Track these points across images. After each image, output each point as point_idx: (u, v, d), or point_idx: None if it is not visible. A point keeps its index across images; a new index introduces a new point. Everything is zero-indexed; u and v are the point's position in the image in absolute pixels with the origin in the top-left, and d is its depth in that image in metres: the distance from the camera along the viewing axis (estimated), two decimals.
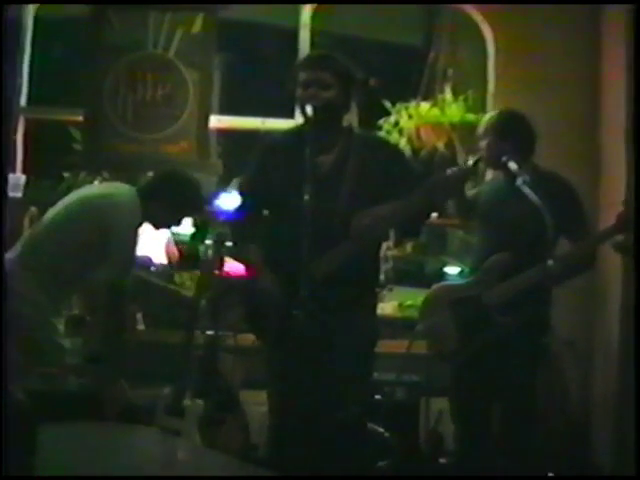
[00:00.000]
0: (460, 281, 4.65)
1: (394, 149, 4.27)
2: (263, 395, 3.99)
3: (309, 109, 3.70)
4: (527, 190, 3.97)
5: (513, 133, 4.33)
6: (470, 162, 4.07)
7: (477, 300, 4.19)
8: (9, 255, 4.44)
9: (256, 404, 4.71)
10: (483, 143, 4.36)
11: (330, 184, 3.71)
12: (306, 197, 3.55)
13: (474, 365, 4.21)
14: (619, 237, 4.21)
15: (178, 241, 6.90)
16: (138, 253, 4.73)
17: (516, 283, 4.11)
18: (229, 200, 4.07)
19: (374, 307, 4.07)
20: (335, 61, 3.85)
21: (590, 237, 4.27)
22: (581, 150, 5.69)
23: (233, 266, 5.02)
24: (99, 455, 3.01)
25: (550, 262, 3.92)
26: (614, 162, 5.49)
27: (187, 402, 4.66)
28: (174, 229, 6.49)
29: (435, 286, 4.54)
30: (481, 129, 4.43)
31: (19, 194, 5.76)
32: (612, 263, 5.12)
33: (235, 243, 4.17)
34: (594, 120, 5.75)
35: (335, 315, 3.73)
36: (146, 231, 4.82)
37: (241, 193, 4.03)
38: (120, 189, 4.53)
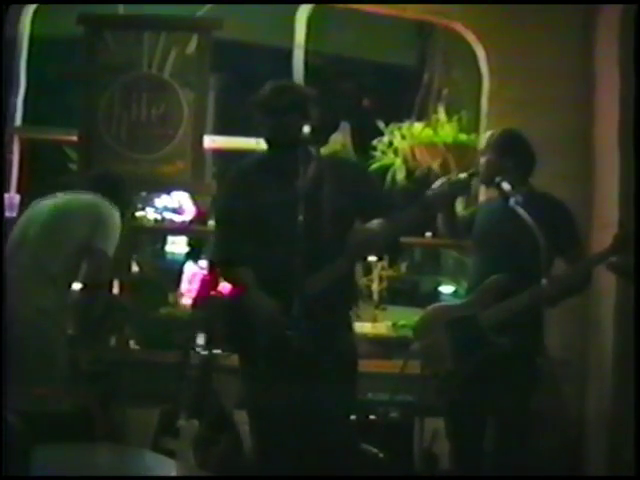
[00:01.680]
0: (456, 301, 4.66)
1: (360, 168, 4.33)
2: None
3: (306, 129, 3.74)
4: (520, 211, 3.99)
5: (513, 152, 4.36)
6: (464, 175, 4.08)
7: (473, 321, 4.20)
8: (12, 270, 4.53)
9: None
10: (483, 159, 4.39)
11: (310, 207, 3.71)
12: (300, 217, 3.58)
13: (470, 385, 4.22)
14: (614, 257, 4.23)
15: None
16: None
17: (512, 305, 4.12)
18: None
19: (352, 325, 4.10)
20: (303, 90, 3.97)
21: (586, 259, 4.29)
22: (575, 170, 5.70)
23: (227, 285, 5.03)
24: (92, 476, 3.00)
25: (544, 282, 3.94)
26: (608, 182, 5.50)
27: (181, 422, 4.66)
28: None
29: (431, 306, 4.55)
30: (484, 142, 4.47)
31: (14, 214, 5.76)
32: (606, 283, 5.13)
33: (222, 266, 4.17)
34: (588, 138, 5.77)
35: (325, 335, 3.74)
36: None
37: (218, 221, 4.07)
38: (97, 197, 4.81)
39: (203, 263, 6.02)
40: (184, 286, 5.76)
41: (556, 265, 4.23)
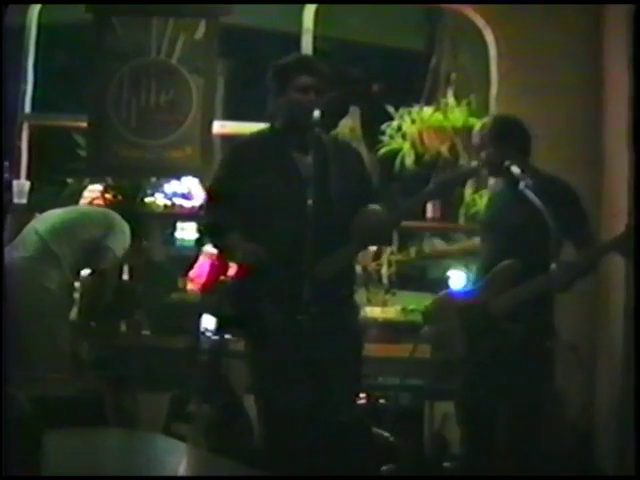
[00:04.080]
0: (468, 288, 4.64)
1: (357, 151, 4.32)
2: None
3: (316, 113, 3.73)
4: (530, 194, 3.97)
5: (512, 137, 4.34)
6: (474, 165, 4.08)
7: (485, 307, 4.19)
8: (22, 253, 4.66)
9: None
10: (483, 152, 4.36)
11: (315, 185, 3.70)
12: (309, 201, 3.59)
13: (481, 371, 4.22)
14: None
15: None
16: None
17: (523, 292, 4.10)
18: None
19: (358, 306, 4.14)
20: (324, 65, 3.92)
21: (599, 245, 4.28)
22: (584, 154, 5.69)
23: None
24: (103, 461, 3.02)
25: (553, 266, 3.93)
26: (617, 166, 5.49)
27: (192, 407, 4.68)
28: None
29: (443, 292, 4.55)
30: (477, 137, 4.42)
31: (24, 200, 5.78)
32: (615, 267, 5.12)
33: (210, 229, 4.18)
34: (597, 124, 5.75)
35: (334, 318, 3.75)
36: None
37: (214, 195, 4.06)
38: None
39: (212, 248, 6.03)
40: (193, 271, 5.76)
41: (566, 248, 4.22)
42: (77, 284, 5.05)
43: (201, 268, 5.68)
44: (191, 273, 5.80)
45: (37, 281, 4.67)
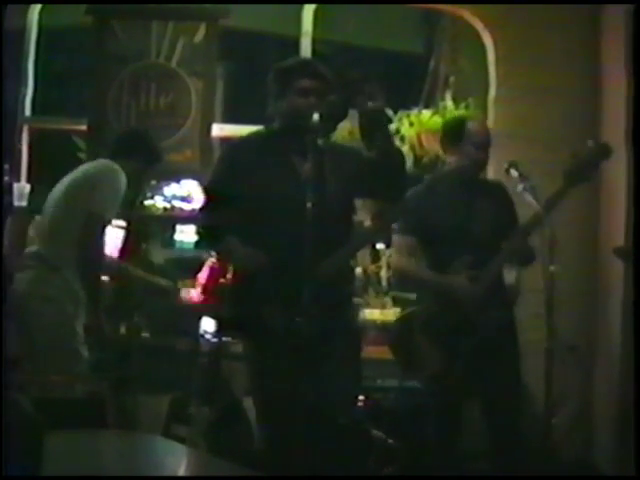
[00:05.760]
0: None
1: (357, 152, 4.30)
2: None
3: (315, 117, 3.73)
4: (528, 197, 3.99)
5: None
6: None
7: (455, 309, 4.18)
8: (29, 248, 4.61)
9: None
10: (483, 153, 4.34)
11: (314, 188, 3.70)
12: (308, 204, 3.59)
13: (466, 375, 4.21)
14: (623, 244, 4.23)
15: None
16: None
17: (491, 271, 4.12)
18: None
19: (356, 307, 4.19)
20: (326, 69, 3.92)
21: (547, 199, 4.09)
22: None
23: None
24: (103, 463, 3.03)
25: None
26: (615, 167, 5.50)
27: (192, 409, 4.68)
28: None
29: (400, 315, 4.56)
30: (483, 137, 4.39)
31: (24, 203, 5.79)
32: (614, 267, 5.14)
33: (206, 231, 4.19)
34: (595, 125, 5.77)
35: (332, 319, 3.75)
36: None
37: (210, 195, 4.06)
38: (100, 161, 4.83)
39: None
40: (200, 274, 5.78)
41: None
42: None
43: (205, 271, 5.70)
44: (199, 275, 5.82)
45: (37, 293, 4.53)
